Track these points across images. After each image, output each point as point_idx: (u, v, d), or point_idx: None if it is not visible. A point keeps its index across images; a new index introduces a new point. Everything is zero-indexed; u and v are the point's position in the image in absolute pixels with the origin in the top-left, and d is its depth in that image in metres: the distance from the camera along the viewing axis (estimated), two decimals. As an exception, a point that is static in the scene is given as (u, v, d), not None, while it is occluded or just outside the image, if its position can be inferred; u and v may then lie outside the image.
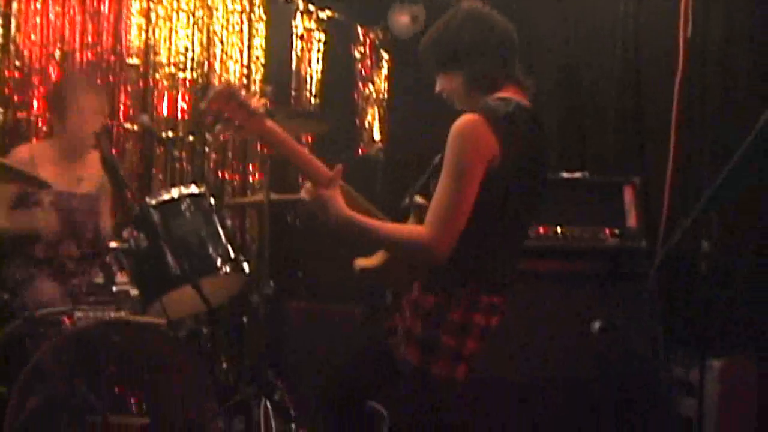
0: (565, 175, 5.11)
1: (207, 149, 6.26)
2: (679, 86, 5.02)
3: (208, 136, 6.21)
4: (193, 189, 4.53)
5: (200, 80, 6.21)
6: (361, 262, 3.25)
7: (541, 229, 4.94)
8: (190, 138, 6.15)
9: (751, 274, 5.07)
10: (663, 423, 4.88)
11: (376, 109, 6.64)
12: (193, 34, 6.16)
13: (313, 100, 6.60)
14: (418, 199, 3.17)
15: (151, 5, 5.94)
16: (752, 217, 5.07)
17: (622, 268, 4.94)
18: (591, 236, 5.01)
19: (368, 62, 6.68)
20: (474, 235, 2.96)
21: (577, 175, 5.18)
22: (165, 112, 6.08)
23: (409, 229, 3.06)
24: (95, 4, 5.69)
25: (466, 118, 2.97)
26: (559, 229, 4.99)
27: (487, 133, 2.94)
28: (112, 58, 5.85)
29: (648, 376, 4.84)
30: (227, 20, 6.31)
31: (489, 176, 2.94)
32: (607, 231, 5.01)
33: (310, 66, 6.59)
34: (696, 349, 4.63)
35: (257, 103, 2.96)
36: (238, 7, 6.36)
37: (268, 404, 4.75)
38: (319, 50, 6.63)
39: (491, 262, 3.09)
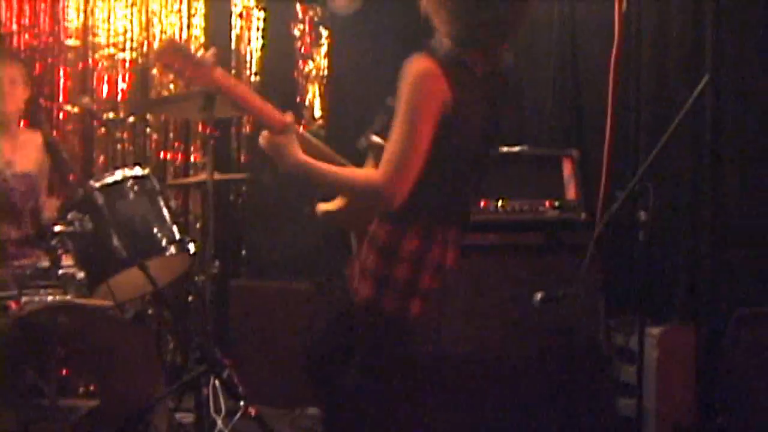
0: (505, 149, 5.16)
1: (148, 129, 6.25)
2: (615, 60, 5.09)
3: (148, 116, 6.20)
4: (138, 170, 4.53)
5: (139, 61, 6.20)
6: (324, 206, 3.24)
7: (482, 203, 4.99)
8: (131, 119, 6.14)
9: (688, 242, 5.18)
10: (605, 391, 4.98)
11: (316, 87, 6.64)
12: (131, 15, 6.14)
13: (253, 78, 6.59)
14: (375, 138, 3.16)
15: (89, -14, 5.92)
16: (687, 186, 5.17)
17: (563, 240, 5.01)
18: (531, 209, 5.07)
19: (308, 40, 6.67)
20: (430, 171, 2.94)
21: (516, 149, 5.24)
22: (105, 93, 6.08)
23: (365, 174, 3.05)
24: (32, -16, 5.67)
25: (417, 63, 2.92)
26: (499, 203, 5.06)
27: (439, 76, 2.90)
28: (51, 39, 5.82)
29: (589, 345, 4.93)
30: (165, 0, 6.28)
31: (443, 120, 2.92)
32: (547, 203, 5.08)
33: (249, 44, 6.58)
34: (635, 317, 4.72)
35: (204, 53, 2.98)
36: (176, -13, 6.34)
37: (217, 383, 4.78)
38: (258, 28, 6.61)
39: (447, 196, 3.07)
